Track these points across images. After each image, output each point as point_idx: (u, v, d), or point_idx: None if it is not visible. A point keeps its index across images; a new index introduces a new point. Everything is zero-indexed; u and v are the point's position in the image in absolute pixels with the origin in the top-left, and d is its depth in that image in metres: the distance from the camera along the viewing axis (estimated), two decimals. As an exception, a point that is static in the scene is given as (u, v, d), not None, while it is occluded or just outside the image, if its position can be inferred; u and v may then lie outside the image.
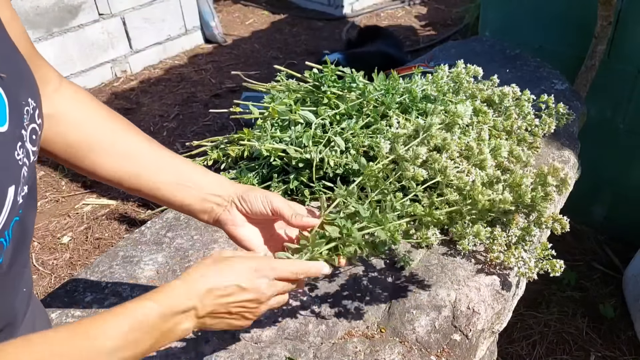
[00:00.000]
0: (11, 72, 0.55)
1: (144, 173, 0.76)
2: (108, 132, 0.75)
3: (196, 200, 0.77)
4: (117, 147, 0.75)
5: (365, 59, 3.23)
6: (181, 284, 0.64)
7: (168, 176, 0.76)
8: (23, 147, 0.55)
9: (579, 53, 1.96)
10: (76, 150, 0.73)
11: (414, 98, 1.24)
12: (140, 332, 0.58)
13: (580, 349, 1.88)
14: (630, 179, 2.13)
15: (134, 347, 0.57)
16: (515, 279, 1.02)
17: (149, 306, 0.60)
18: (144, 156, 0.76)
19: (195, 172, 0.79)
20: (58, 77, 0.75)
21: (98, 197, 2.63)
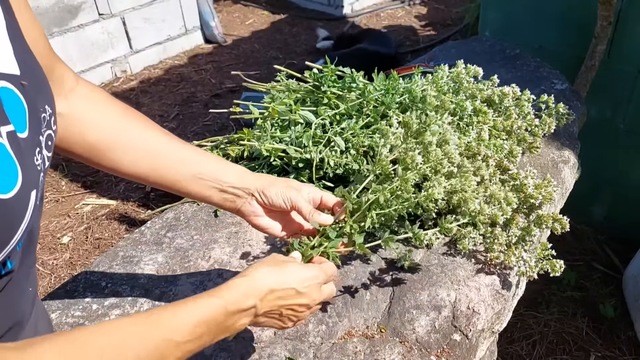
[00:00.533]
0: (30, 79, 0.57)
1: (164, 168, 0.78)
2: (126, 129, 0.77)
3: (215, 192, 0.81)
4: (136, 144, 0.77)
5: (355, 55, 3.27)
6: (245, 282, 0.66)
7: (188, 170, 0.79)
8: (40, 153, 0.56)
9: (579, 53, 1.96)
10: (96, 149, 0.75)
11: (414, 98, 1.24)
12: (205, 327, 0.61)
13: (580, 349, 1.88)
14: (630, 179, 2.13)
15: (197, 341, 0.60)
16: (515, 279, 1.02)
17: (216, 303, 0.62)
18: (163, 151, 0.79)
19: (215, 165, 0.81)
20: (74, 77, 0.76)
21: (98, 197, 2.63)
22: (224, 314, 0.63)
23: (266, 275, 0.68)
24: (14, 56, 0.55)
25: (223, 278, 1.00)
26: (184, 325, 0.59)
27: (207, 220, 1.15)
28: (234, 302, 0.64)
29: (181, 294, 0.96)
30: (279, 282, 0.69)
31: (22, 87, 0.54)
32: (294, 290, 0.70)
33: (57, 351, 0.49)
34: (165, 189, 0.81)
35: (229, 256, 1.05)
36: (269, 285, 0.68)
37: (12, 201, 0.49)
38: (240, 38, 4.22)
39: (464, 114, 1.22)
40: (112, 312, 0.93)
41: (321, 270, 0.75)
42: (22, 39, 0.58)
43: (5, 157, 0.49)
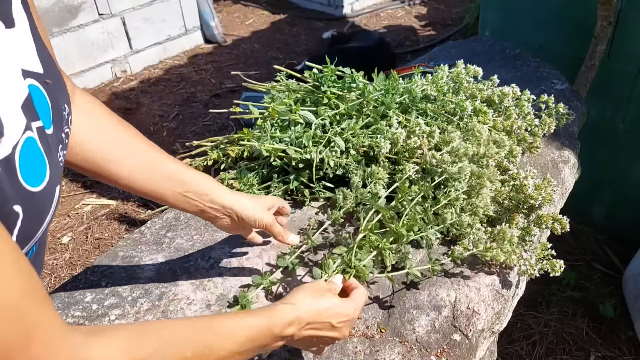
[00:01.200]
0: (53, 78, 0.58)
1: (153, 181, 0.82)
2: (120, 142, 0.80)
3: (196, 209, 0.86)
4: (130, 158, 0.80)
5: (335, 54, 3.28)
6: (291, 311, 0.71)
7: (174, 185, 0.83)
8: (63, 150, 0.59)
9: (579, 53, 1.96)
10: (92, 161, 0.77)
11: (414, 98, 1.24)
12: (251, 344, 0.65)
13: (580, 349, 1.88)
14: (630, 179, 2.13)
15: (242, 355, 0.65)
16: (515, 279, 1.02)
17: (267, 326, 0.67)
18: (152, 165, 0.82)
19: (200, 183, 0.86)
20: (72, 87, 0.77)
21: (98, 197, 2.63)
22: (269, 336, 0.68)
23: (308, 306, 0.73)
24: (37, 56, 0.57)
25: (223, 278, 1.00)
26: (238, 337, 0.63)
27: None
28: (280, 329, 0.68)
29: (181, 293, 0.96)
30: (319, 316, 0.73)
31: (47, 85, 0.56)
32: (329, 324, 0.75)
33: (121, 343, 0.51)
34: (154, 200, 0.85)
35: (229, 256, 1.05)
36: (309, 317, 0.72)
37: (41, 194, 0.51)
38: (240, 38, 4.22)
39: (464, 114, 1.22)
40: (112, 312, 0.93)
41: (356, 306, 0.79)
42: (40, 39, 0.59)
43: (36, 151, 0.51)
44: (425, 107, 1.24)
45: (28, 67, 0.54)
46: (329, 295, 0.77)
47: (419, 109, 1.24)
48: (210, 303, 0.94)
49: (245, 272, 1.01)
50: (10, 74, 0.50)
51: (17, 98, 0.50)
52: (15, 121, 0.48)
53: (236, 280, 0.99)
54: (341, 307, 0.76)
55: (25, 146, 0.49)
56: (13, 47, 0.52)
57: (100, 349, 0.49)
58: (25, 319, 0.42)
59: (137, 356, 0.52)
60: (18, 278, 0.42)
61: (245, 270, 1.01)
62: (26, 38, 0.56)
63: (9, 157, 0.47)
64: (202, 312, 0.93)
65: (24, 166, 0.48)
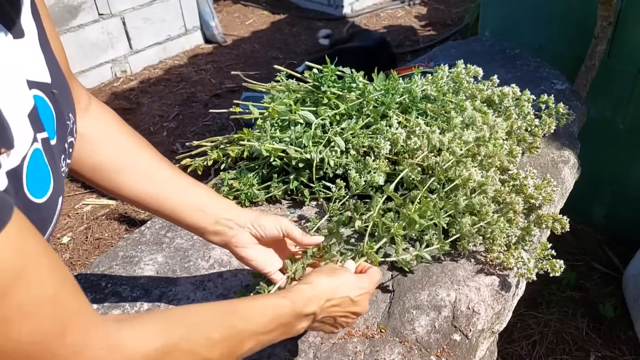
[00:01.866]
0: (59, 87, 0.59)
1: (165, 195, 0.80)
2: (132, 153, 0.79)
3: (210, 224, 0.82)
4: (141, 169, 0.79)
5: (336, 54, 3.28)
6: (309, 289, 0.71)
7: (187, 199, 0.81)
8: (65, 159, 0.59)
9: (579, 53, 1.96)
10: (101, 170, 0.77)
11: (414, 98, 1.24)
12: (276, 324, 0.65)
13: (580, 349, 1.88)
14: (630, 179, 2.13)
15: (266, 335, 0.65)
16: (515, 279, 1.02)
17: (287, 305, 0.67)
18: (165, 179, 0.81)
19: (210, 197, 0.83)
20: (87, 96, 0.78)
21: (98, 197, 2.63)
22: (292, 315, 0.68)
23: (325, 284, 0.73)
24: (46, 64, 0.57)
25: (223, 278, 1.00)
26: (261, 317, 0.64)
27: (207, 220, 1.15)
28: (301, 307, 0.68)
29: (181, 294, 0.96)
30: (336, 291, 0.73)
31: (52, 96, 0.56)
32: (349, 299, 0.74)
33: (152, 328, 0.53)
34: (160, 216, 0.84)
35: (229, 256, 1.05)
36: (327, 294, 0.72)
37: (45, 206, 0.52)
38: (240, 38, 4.22)
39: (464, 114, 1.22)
40: (112, 312, 0.93)
41: (372, 281, 0.79)
42: (49, 48, 0.59)
43: (42, 163, 0.51)
44: (425, 107, 1.24)
45: (34, 78, 0.54)
46: (343, 272, 0.77)
47: (419, 109, 1.24)
48: (210, 303, 0.94)
49: (245, 272, 1.01)
50: (17, 85, 0.50)
51: (24, 109, 0.50)
52: (23, 132, 0.49)
53: (236, 280, 0.99)
54: (357, 281, 0.76)
55: (32, 158, 0.49)
56: (20, 58, 0.52)
57: (132, 334, 0.50)
58: (61, 309, 0.44)
59: (168, 341, 0.53)
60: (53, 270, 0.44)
61: (245, 270, 1.01)
62: (34, 48, 0.56)
63: (17, 168, 0.47)
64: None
65: (30, 178, 0.49)
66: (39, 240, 0.43)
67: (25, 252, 0.41)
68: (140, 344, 0.50)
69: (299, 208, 1.17)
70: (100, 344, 0.47)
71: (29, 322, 0.41)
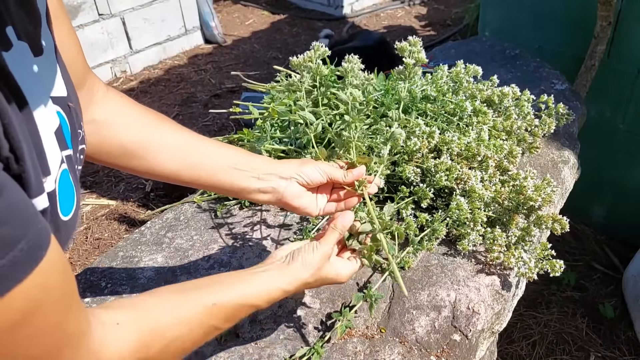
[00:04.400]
0: (73, 100, 0.59)
1: (199, 163, 0.80)
2: (157, 130, 0.79)
3: (254, 181, 0.81)
4: (171, 143, 0.79)
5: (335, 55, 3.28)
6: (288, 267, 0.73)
7: (223, 163, 0.80)
8: (78, 169, 0.59)
9: (579, 53, 1.96)
10: (131, 152, 0.76)
11: (414, 98, 1.24)
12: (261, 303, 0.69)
13: (580, 349, 1.88)
14: (630, 179, 2.13)
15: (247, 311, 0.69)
16: (515, 279, 1.02)
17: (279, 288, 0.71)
18: (196, 148, 0.80)
19: (247, 156, 0.83)
20: (104, 84, 0.78)
21: (98, 197, 2.63)
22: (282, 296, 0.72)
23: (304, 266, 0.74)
24: (62, 78, 0.57)
25: (223, 278, 1.00)
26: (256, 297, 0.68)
27: (207, 221, 1.15)
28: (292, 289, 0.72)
29: (181, 294, 0.96)
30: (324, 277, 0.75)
31: (68, 109, 0.56)
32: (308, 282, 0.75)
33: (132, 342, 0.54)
34: (199, 186, 0.83)
35: (229, 256, 1.05)
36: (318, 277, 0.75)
37: (71, 222, 0.52)
38: (240, 38, 4.22)
39: (463, 114, 1.22)
40: (111, 312, 0.93)
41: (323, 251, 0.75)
42: (61, 58, 0.59)
43: (68, 182, 0.52)
44: (425, 107, 1.24)
45: (55, 93, 0.54)
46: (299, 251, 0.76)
47: (418, 109, 1.24)
48: (210, 303, 0.94)
49: (245, 272, 1.01)
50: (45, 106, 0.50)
51: (52, 130, 0.50)
52: (55, 156, 0.49)
53: (236, 280, 0.99)
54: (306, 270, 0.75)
55: (61, 179, 0.50)
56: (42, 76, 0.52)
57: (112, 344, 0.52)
58: (62, 333, 0.45)
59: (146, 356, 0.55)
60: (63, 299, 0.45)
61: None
62: (52, 62, 0.56)
63: (52, 192, 0.48)
64: (202, 313, 0.92)
65: (62, 198, 0.50)
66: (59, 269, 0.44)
67: (47, 287, 0.42)
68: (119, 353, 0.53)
69: (298, 208, 1.17)
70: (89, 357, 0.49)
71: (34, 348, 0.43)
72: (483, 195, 1.03)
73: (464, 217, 1.01)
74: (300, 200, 0.84)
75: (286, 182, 0.82)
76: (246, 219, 1.15)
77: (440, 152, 1.13)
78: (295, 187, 0.83)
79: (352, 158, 0.90)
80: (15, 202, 0.38)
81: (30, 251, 0.39)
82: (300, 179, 0.83)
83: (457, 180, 1.06)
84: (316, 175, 0.84)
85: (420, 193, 1.06)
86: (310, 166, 0.84)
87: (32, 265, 0.40)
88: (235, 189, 0.82)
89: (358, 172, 0.86)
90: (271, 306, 0.80)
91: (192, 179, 0.80)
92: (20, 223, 0.38)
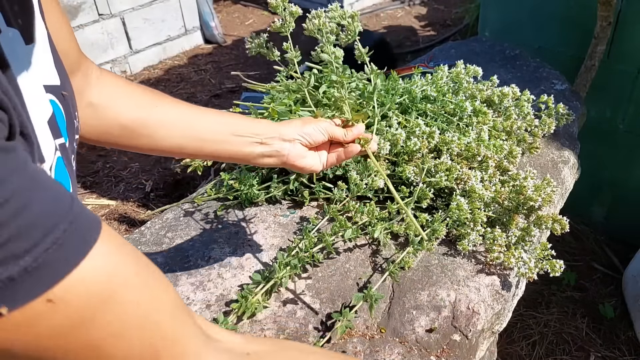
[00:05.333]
0: (67, 88, 0.58)
1: (200, 134, 0.79)
2: (157, 105, 0.79)
3: (257, 147, 0.82)
4: (170, 118, 0.78)
5: None
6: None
7: (224, 131, 0.81)
8: (74, 159, 0.58)
9: (579, 53, 1.96)
10: (132, 130, 0.76)
11: (414, 99, 1.24)
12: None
13: (580, 349, 1.88)
14: (630, 179, 2.13)
15: None
16: (515, 280, 1.02)
17: None
18: (196, 119, 0.80)
19: (248, 122, 0.83)
20: (97, 67, 0.78)
21: (98, 197, 2.63)
22: None
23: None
24: (55, 67, 0.56)
25: (223, 278, 1.00)
26: None
27: (207, 221, 1.15)
28: None
29: (181, 294, 0.96)
30: None
31: (62, 97, 0.55)
32: None
33: None
34: (204, 157, 0.83)
35: (229, 256, 1.05)
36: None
37: None
38: (240, 38, 4.22)
39: (463, 114, 1.22)
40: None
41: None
42: (54, 46, 0.58)
43: (63, 171, 0.50)
44: (425, 107, 1.24)
45: (48, 82, 0.53)
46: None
47: (418, 110, 1.24)
48: (210, 303, 0.94)
49: (245, 272, 1.01)
50: (37, 93, 0.50)
51: (45, 118, 0.49)
52: (48, 144, 0.47)
53: (236, 280, 0.99)
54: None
55: (57, 168, 0.48)
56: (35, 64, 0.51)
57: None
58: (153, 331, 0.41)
59: None
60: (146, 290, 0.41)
61: (245, 270, 1.01)
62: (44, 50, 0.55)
63: None
64: (202, 313, 0.93)
65: None
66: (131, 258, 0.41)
67: (116, 274, 0.38)
68: None
69: (299, 208, 1.17)
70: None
71: (119, 347, 0.39)
72: (483, 196, 1.04)
73: (464, 217, 1.01)
74: (305, 160, 0.85)
75: (290, 144, 0.84)
76: (246, 219, 1.15)
77: (440, 152, 1.14)
78: (299, 148, 0.84)
79: (347, 117, 0.91)
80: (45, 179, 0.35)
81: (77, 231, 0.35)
82: (303, 140, 0.84)
83: (457, 181, 1.06)
84: (318, 135, 0.85)
85: (420, 193, 1.06)
86: (312, 126, 0.85)
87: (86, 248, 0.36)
88: (240, 155, 0.82)
89: (357, 130, 0.89)
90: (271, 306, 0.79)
91: (195, 151, 0.80)
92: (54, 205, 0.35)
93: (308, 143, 0.85)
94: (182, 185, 2.60)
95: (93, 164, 2.84)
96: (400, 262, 0.99)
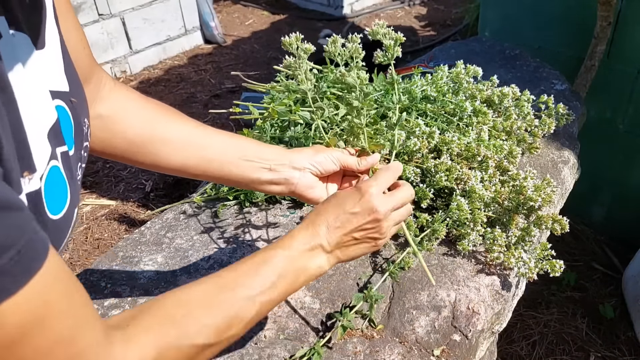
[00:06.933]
0: (77, 94, 0.58)
1: (208, 155, 0.77)
2: (166, 123, 0.77)
3: (265, 173, 0.79)
4: (176, 136, 0.76)
5: None
6: (303, 227, 0.68)
7: (232, 154, 0.78)
8: (81, 166, 0.57)
9: (579, 53, 1.96)
10: (138, 145, 0.75)
11: (414, 99, 1.24)
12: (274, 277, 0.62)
13: (580, 349, 1.88)
14: (630, 179, 2.13)
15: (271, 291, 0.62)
16: (515, 280, 1.02)
17: (277, 253, 0.64)
18: (204, 139, 0.78)
19: (258, 147, 0.81)
20: (112, 79, 0.77)
21: (98, 197, 2.63)
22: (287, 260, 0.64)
23: (320, 214, 0.69)
24: (65, 73, 0.56)
25: (223, 278, 1.00)
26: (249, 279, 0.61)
27: (207, 221, 1.15)
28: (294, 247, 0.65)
29: (181, 294, 0.96)
30: (330, 216, 0.68)
31: (71, 104, 0.55)
32: (347, 214, 0.68)
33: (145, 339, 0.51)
34: (208, 179, 0.81)
35: (229, 256, 1.05)
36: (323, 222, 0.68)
37: (62, 220, 0.51)
38: (240, 38, 4.22)
39: (463, 114, 1.22)
40: (111, 312, 0.93)
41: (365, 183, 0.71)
42: (67, 53, 0.58)
43: (60, 179, 0.50)
44: (425, 107, 1.24)
45: (56, 87, 0.53)
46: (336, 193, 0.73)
47: (418, 110, 1.24)
48: (210, 303, 0.94)
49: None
50: (40, 99, 0.49)
51: (45, 125, 0.49)
52: (42, 152, 0.48)
53: (236, 280, 0.99)
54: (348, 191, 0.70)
55: (49, 176, 0.48)
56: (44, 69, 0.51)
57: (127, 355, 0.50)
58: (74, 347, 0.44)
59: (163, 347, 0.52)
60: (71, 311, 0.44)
61: (245, 270, 1.01)
62: (56, 56, 0.55)
63: (38, 190, 0.46)
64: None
65: (48, 196, 0.48)
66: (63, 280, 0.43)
67: (49, 300, 0.41)
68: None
69: (298, 208, 1.17)
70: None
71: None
72: (483, 196, 1.04)
73: (464, 218, 1.01)
74: (314, 192, 0.82)
75: (300, 172, 0.80)
76: (246, 219, 1.15)
77: (440, 152, 1.14)
78: (309, 177, 0.81)
79: (364, 145, 0.87)
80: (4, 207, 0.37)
81: (22, 261, 0.37)
82: (314, 169, 0.81)
83: (457, 181, 1.06)
84: (330, 164, 0.82)
85: (420, 193, 1.06)
86: (323, 155, 0.81)
87: (27, 277, 0.38)
88: (246, 180, 0.79)
89: (372, 159, 0.83)
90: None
91: (200, 172, 0.78)
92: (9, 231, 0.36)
93: (319, 172, 0.81)
94: (182, 185, 2.60)
95: (93, 164, 2.84)
96: (400, 262, 0.99)
